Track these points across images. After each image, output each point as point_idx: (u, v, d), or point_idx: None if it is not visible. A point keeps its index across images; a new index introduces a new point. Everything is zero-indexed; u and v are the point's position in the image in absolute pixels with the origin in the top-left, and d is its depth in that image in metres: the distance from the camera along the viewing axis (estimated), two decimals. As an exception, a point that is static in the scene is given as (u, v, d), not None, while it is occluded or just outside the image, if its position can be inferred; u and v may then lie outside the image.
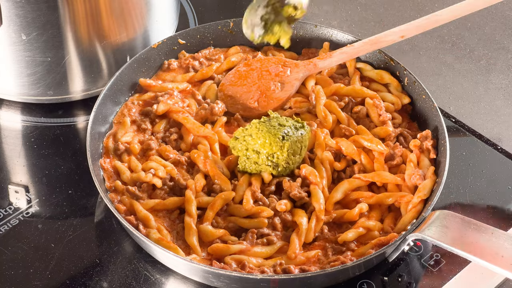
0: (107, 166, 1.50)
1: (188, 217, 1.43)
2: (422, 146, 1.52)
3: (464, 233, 1.33)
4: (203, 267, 1.34)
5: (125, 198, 1.45)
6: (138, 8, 1.66)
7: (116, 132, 1.56)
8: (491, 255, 1.29)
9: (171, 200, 1.46)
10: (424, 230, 1.34)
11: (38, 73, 1.64)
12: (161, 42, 1.68)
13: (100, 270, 1.42)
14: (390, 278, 1.42)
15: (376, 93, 1.62)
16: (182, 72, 1.69)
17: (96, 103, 1.53)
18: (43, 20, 1.56)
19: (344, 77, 1.69)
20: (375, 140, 1.52)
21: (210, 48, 1.73)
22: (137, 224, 1.41)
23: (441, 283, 1.41)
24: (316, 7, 2.16)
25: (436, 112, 1.55)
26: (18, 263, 1.43)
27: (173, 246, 1.38)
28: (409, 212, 1.43)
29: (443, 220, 1.36)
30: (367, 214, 1.46)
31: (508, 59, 2.01)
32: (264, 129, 1.48)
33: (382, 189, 1.50)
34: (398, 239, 1.36)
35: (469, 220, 1.35)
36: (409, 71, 1.62)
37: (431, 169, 1.48)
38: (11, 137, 1.66)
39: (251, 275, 1.33)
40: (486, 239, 1.32)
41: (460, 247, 1.31)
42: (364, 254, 1.37)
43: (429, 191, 1.45)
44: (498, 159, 1.62)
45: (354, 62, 1.68)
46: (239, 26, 1.72)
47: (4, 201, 1.53)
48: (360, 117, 1.60)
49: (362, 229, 1.42)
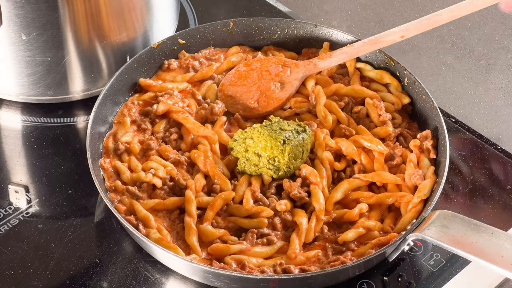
0: (107, 166, 1.50)
1: (188, 217, 1.43)
2: (422, 146, 1.52)
3: (464, 233, 1.33)
4: (203, 267, 1.34)
5: (125, 198, 1.45)
6: (138, 8, 1.66)
7: (116, 132, 1.56)
8: (491, 255, 1.29)
9: (171, 200, 1.46)
10: (424, 230, 1.34)
11: (38, 73, 1.64)
12: (161, 42, 1.68)
13: (100, 270, 1.42)
14: (390, 278, 1.42)
15: (376, 93, 1.62)
16: (182, 72, 1.69)
17: (96, 103, 1.53)
18: (43, 20, 1.56)
19: (344, 77, 1.69)
20: (375, 140, 1.52)
21: (210, 48, 1.73)
22: (137, 224, 1.40)
23: (441, 283, 1.41)
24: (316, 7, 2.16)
25: (436, 112, 1.55)
26: (18, 263, 1.43)
27: (173, 246, 1.38)
28: (409, 212, 1.43)
29: (443, 220, 1.36)
30: (367, 214, 1.46)
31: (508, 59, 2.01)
32: (266, 132, 1.48)
33: (382, 189, 1.50)
34: (398, 239, 1.36)
35: (469, 220, 1.35)
36: (409, 71, 1.62)
37: (431, 169, 1.48)
38: (11, 137, 1.66)
39: (251, 275, 1.33)
40: (486, 239, 1.32)
41: (460, 247, 1.31)
42: (364, 254, 1.37)
43: (429, 191, 1.45)
44: (498, 159, 1.62)
45: (354, 62, 1.68)
46: (239, 26, 1.73)
47: (4, 201, 1.53)
48: (360, 117, 1.60)
49: (362, 229, 1.42)
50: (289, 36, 1.73)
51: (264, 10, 1.96)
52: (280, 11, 1.95)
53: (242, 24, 1.73)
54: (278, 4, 1.97)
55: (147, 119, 1.59)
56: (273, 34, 1.73)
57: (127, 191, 1.45)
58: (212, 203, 1.44)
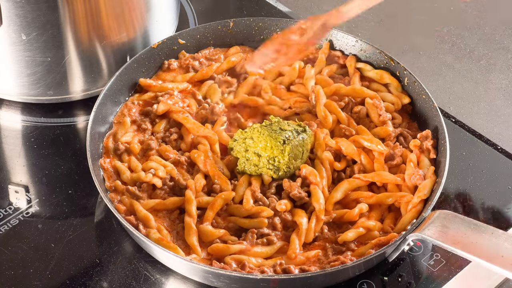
0: (107, 166, 1.50)
1: (188, 217, 1.43)
2: (422, 146, 1.52)
3: (464, 233, 1.33)
4: (203, 267, 1.34)
5: (125, 198, 1.45)
6: (138, 8, 1.66)
7: (116, 132, 1.56)
8: (491, 255, 1.29)
9: (171, 200, 1.46)
10: (424, 230, 1.34)
11: (38, 73, 1.64)
12: (161, 42, 1.68)
13: (100, 270, 1.42)
14: (390, 278, 1.42)
15: (376, 93, 1.62)
16: (182, 72, 1.69)
17: (96, 103, 1.53)
18: (43, 20, 1.56)
19: (344, 77, 1.69)
20: (375, 140, 1.52)
21: (210, 48, 1.73)
22: (137, 224, 1.41)
23: (441, 283, 1.41)
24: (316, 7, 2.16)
25: (436, 112, 1.55)
26: (18, 263, 1.43)
27: (173, 246, 1.38)
28: (409, 212, 1.43)
29: (443, 220, 1.36)
30: (367, 214, 1.46)
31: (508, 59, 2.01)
32: (266, 132, 1.48)
33: (382, 189, 1.50)
34: (398, 239, 1.36)
35: (469, 220, 1.35)
36: (409, 71, 1.62)
37: (431, 169, 1.48)
38: (11, 137, 1.66)
39: (251, 275, 1.33)
40: (486, 239, 1.32)
41: (460, 247, 1.31)
42: (364, 254, 1.37)
43: (429, 191, 1.45)
44: (498, 159, 1.62)
45: (354, 62, 1.68)
46: (239, 26, 1.73)
47: (4, 201, 1.53)
48: (360, 117, 1.60)
49: (362, 229, 1.42)
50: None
51: (264, 10, 1.96)
52: (280, 11, 1.95)
53: (242, 24, 1.73)
54: (278, 4, 1.97)
55: (147, 119, 1.59)
56: (273, 34, 1.73)
57: (127, 191, 1.45)
58: (212, 203, 1.44)
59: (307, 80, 1.65)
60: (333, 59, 1.70)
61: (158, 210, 1.45)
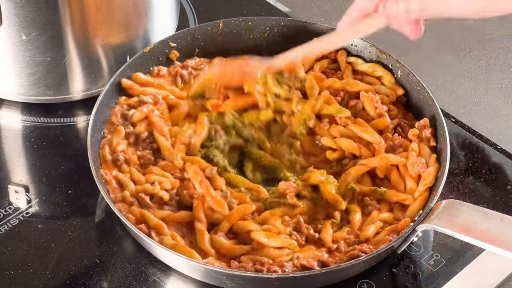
0: (109, 178, 1.46)
1: (199, 223, 1.41)
2: (421, 135, 1.52)
3: (474, 221, 1.31)
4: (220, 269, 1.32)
5: (134, 208, 1.41)
6: (138, 8, 1.67)
7: (111, 141, 1.52)
8: (505, 242, 1.27)
9: (182, 213, 1.43)
10: (433, 220, 1.33)
11: (38, 73, 1.64)
12: (152, 46, 1.67)
13: (100, 270, 1.42)
14: (390, 278, 1.42)
15: (370, 86, 1.62)
16: (171, 79, 1.66)
17: (93, 112, 1.50)
18: (43, 20, 1.56)
19: (336, 71, 1.68)
20: (369, 130, 1.52)
21: (195, 58, 1.71)
22: (149, 232, 1.38)
23: (441, 283, 1.41)
24: (316, 7, 2.16)
25: (432, 102, 1.54)
26: (18, 263, 1.43)
27: (189, 250, 1.36)
28: (416, 201, 1.43)
29: (451, 209, 1.34)
30: (378, 207, 1.45)
31: (508, 59, 2.01)
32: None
33: (385, 180, 1.49)
34: (407, 231, 1.35)
35: (477, 207, 1.33)
36: (402, 63, 1.62)
37: (433, 157, 1.48)
38: (11, 137, 1.66)
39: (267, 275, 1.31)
40: (497, 226, 1.29)
41: (472, 234, 1.29)
42: (381, 241, 1.37)
43: (434, 178, 1.45)
44: (498, 159, 1.62)
45: (345, 56, 1.68)
46: (229, 26, 1.72)
47: (4, 201, 1.53)
48: (357, 110, 1.60)
49: (380, 223, 1.42)
50: (279, 34, 1.73)
51: (264, 10, 1.96)
52: (280, 11, 1.95)
53: (231, 24, 1.72)
54: (278, 4, 1.97)
55: (127, 122, 1.56)
56: (263, 33, 1.73)
57: (139, 199, 1.43)
58: (230, 215, 1.42)
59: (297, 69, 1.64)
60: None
61: (168, 221, 1.42)
